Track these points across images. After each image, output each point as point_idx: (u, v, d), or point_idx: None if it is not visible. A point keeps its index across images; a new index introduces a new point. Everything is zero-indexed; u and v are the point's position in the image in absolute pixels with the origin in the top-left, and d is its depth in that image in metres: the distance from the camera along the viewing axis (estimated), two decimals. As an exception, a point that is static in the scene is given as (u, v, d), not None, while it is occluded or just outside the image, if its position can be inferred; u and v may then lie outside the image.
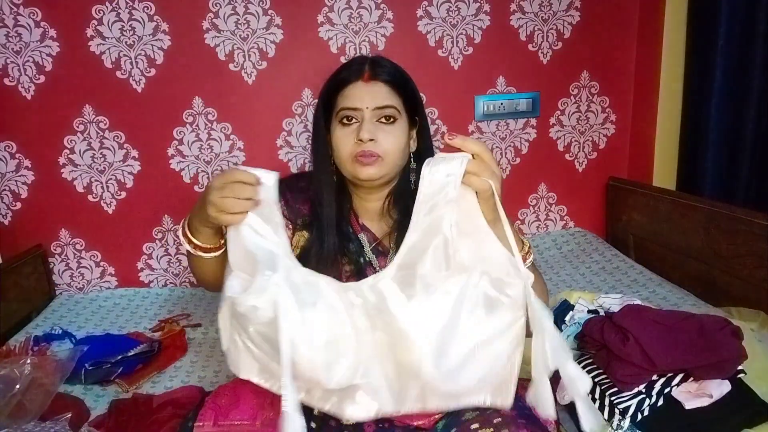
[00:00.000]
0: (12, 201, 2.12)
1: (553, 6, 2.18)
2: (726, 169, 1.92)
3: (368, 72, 1.02)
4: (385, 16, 2.12)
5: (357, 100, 1.01)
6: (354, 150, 1.00)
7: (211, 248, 0.93)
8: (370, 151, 0.99)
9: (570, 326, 1.40)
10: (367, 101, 1.00)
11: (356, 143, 1.00)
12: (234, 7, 2.05)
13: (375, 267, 1.06)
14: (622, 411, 1.10)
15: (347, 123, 1.01)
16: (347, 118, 1.01)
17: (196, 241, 0.92)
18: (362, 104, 1.00)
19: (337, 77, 1.05)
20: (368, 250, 1.07)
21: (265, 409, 0.96)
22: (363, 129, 0.98)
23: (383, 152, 1.00)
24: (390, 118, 1.01)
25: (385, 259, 1.07)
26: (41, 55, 2.02)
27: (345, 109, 1.01)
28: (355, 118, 1.01)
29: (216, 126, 2.14)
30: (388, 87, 1.02)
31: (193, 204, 0.94)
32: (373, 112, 1.00)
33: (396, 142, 1.01)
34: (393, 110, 1.01)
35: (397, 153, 1.02)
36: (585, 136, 2.34)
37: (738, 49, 1.83)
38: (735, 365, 1.11)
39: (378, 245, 1.08)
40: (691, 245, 1.86)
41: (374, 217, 1.10)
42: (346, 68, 1.05)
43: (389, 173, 1.03)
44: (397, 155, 1.02)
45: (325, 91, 1.06)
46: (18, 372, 1.26)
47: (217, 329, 1.87)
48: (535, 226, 2.41)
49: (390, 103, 1.01)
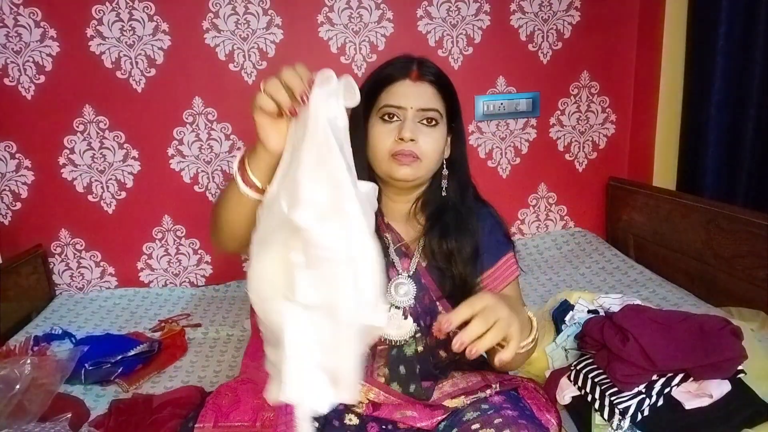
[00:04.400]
0: (12, 201, 2.12)
1: (553, 6, 2.18)
2: (726, 169, 1.92)
3: (416, 71, 1.00)
4: (385, 16, 2.12)
5: (402, 98, 0.99)
6: (393, 148, 0.98)
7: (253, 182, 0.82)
8: (409, 150, 0.97)
9: (570, 326, 1.40)
10: (413, 101, 0.99)
11: (396, 141, 0.98)
12: (234, 7, 2.05)
13: (398, 269, 1.05)
14: (622, 411, 1.10)
15: (388, 120, 1.00)
16: (389, 115, 1.00)
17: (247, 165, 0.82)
18: (407, 103, 0.99)
19: (383, 73, 1.03)
20: (392, 251, 1.06)
21: (265, 410, 0.96)
22: (405, 128, 0.97)
23: (421, 153, 0.98)
24: (432, 121, 1.00)
25: (409, 261, 1.06)
26: (41, 55, 2.02)
27: (389, 106, 0.99)
28: (397, 116, 0.99)
29: (216, 126, 2.14)
30: (434, 89, 1.01)
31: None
32: (417, 112, 0.99)
33: (435, 145, 1.00)
34: (436, 113, 1.00)
35: (435, 156, 1.01)
36: (585, 136, 2.34)
37: (738, 49, 1.83)
38: (735, 365, 1.11)
39: (402, 246, 1.07)
40: (691, 245, 1.86)
41: (400, 219, 1.09)
42: (392, 65, 1.03)
43: (424, 176, 1.02)
44: (435, 158, 1.01)
45: (369, 85, 1.03)
46: (18, 372, 1.25)
47: (217, 329, 1.88)
48: (535, 226, 2.41)
49: (434, 106, 1.00)
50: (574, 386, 1.22)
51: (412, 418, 1.00)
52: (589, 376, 1.20)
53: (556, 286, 1.96)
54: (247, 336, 1.62)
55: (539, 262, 2.21)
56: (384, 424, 1.00)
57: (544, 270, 2.13)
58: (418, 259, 1.06)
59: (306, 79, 0.72)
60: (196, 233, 2.24)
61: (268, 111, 0.75)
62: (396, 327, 1.02)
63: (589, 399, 1.18)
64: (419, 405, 1.01)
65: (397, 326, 1.02)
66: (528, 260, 2.21)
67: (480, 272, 1.04)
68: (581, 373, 1.22)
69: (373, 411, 1.01)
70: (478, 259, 1.04)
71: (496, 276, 1.06)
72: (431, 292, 1.05)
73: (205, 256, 2.27)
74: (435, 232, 1.03)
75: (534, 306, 1.69)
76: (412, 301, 1.03)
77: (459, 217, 1.04)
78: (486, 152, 2.30)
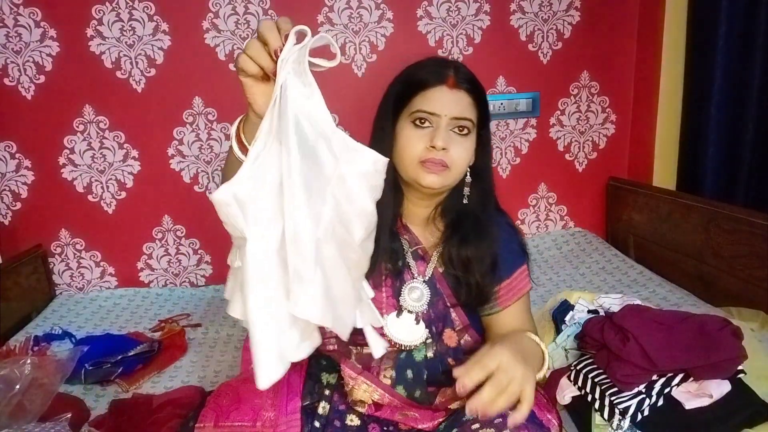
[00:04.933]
0: (12, 201, 2.12)
1: (553, 6, 2.18)
2: (726, 169, 1.92)
3: (453, 78, 0.98)
4: (385, 16, 2.12)
5: (438, 105, 0.97)
6: (423, 155, 0.96)
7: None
8: (439, 159, 0.96)
9: (570, 326, 1.40)
10: (448, 109, 0.96)
11: (427, 149, 0.96)
12: (234, 7, 2.05)
13: (413, 273, 1.04)
14: (622, 411, 1.10)
15: (420, 125, 0.97)
16: (421, 120, 0.97)
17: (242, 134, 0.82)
18: (442, 110, 0.96)
19: (417, 76, 1.00)
20: (409, 254, 1.05)
21: (265, 410, 0.96)
22: (438, 136, 0.95)
23: (451, 162, 0.97)
24: (464, 130, 0.98)
25: (426, 266, 1.05)
26: (41, 55, 2.02)
27: (422, 112, 0.97)
28: (429, 122, 0.97)
29: (216, 126, 2.14)
30: (469, 98, 0.99)
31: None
32: (451, 120, 0.97)
33: (465, 155, 0.99)
34: (469, 122, 0.98)
35: (464, 165, 1.00)
36: (585, 136, 2.34)
37: (738, 49, 1.83)
38: (735, 365, 1.11)
39: (418, 249, 1.06)
40: (691, 245, 1.86)
41: (419, 222, 1.08)
42: (426, 68, 1.01)
43: (451, 184, 1.01)
44: (463, 168, 1.00)
45: (401, 87, 1.01)
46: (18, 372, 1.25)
47: (217, 329, 1.88)
48: (535, 226, 2.41)
49: (468, 116, 0.98)
50: (574, 386, 1.22)
51: (414, 419, 1.00)
52: (589, 376, 1.20)
53: (556, 286, 1.96)
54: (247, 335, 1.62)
55: (539, 262, 2.21)
56: (385, 425, 1.00)
57: (544, 270, 2.13)
58: (435, 264, 1.05)
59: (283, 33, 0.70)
60: (196, 233, 2.24)
61: (251, 73, 0.73)
62: (407, 331, 1.01)
63: (589, 399, 1.18)
64: (421, 407, 1.01)
65: (408, 331, 1.01)
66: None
67: (496, 282, 1.03)
68: (581, 373, 1.22)
69: (374, 411, 1.01)
70: (496, 269, 1.03)
71: (511, 287, 1.05)
72: (446, 299, 1.04)
73: (205, 256, 2.27)
74: (454, 240, 1.02)
75: (534, 306, 1.69)
76: (425, 306, 1.02)
77: (479, 225, 1.02)
78: (486, 152, 2.30)
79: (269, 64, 0.70)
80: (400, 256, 1.05)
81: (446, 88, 0.97)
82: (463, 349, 1.05)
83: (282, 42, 0.69)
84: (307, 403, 1.00)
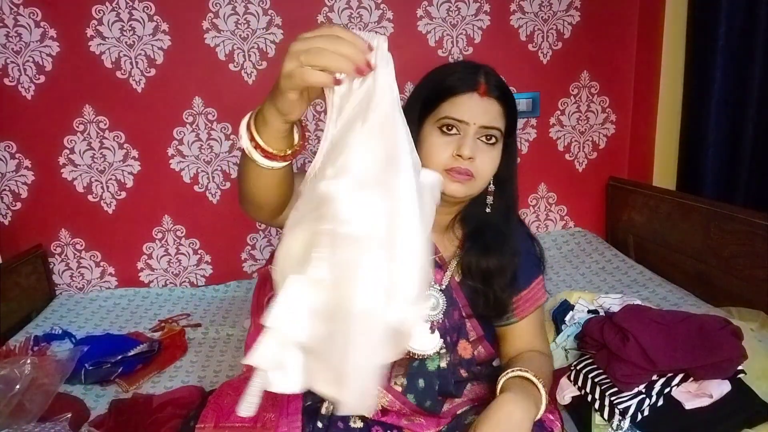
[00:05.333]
0: (12, 201, 2.12)
1: (553, 6, 2.18)
2: (726, 169, 1.92)
3: (485, 85, 0.94)
4: (385, 16, 2.12)
5: (467, 113, 0.93)
6: (449, 163, 0.93)
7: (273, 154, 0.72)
8: (465, 168, 0.93)
9: (570, 326, 1.40)
10: (478, 117, 0.93)
11: (454, 157, 0.93)
12: (234, 7, 2.05)
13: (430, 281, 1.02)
14: (622, 411, 1.10)
15: (447, 132, 0.94)
16: (449, 126, 0.94)
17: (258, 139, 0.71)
18: (471, 119, 0.93)
19: (447, 82, 0.96)
20: None
21: (266, 411, 0.96)
22: (465, 145, 0.92)
23: (476, 172, 0.94)
24: (491, 139, 0.95)
25: (443, 274, 1.03)
26: (41, 55, 2.02)
27: (450, 119, 0.94)
28: (457, 129, 0.94)
29: (216, 126, 2.14)
30: (499, 107, 0.95)
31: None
32: (479, 129, 0.93)
33: (492, 165, 0.96)
34: (497, 132, 0.95)
35: (489, 175, 0.97)
36: (585, 136, 2.34)
37: (738, 49, 1.83)
38: (735, 365, 1.11)
39: (435, 257, 1.04)
40: (691, 245, 1.86)
41: (438, 229, 1.05)
42: (456, 73, 0.97)
43: (475, 193, 0.98)
44: (488, 177, 0.97)
45: (429, 92, 0.98)
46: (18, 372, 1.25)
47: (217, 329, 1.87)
48: (535, 226, 2.41)
49: (497, 125, 0.95)
50: (574, 386, 1.22)
51: (420, 425, 0.99)
52: (589, 376, 1.20)
53: (556, 286, 1.95)
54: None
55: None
56: (389, 429, 0.99)
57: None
58: (452, 273, 1.03)
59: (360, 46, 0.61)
60: (196, 233, 2.24)
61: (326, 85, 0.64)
62: (421, 340, 1.00)
63: (589, 399, 1.18)
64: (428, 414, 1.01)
65: (422, 339, 1.00)
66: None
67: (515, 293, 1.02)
68: (581, 373, 1.22)
69: (381, 417, 1.00)
70: (515, 282, 1.01)
71: (528, 297, 1.04)
72: (461, 309, 1.03)
73: (205, 256, 2.27)
74: (475, 250, 1.00)
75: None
76: (440, 315, 1.01)
77: (501, 236, 1.00)
78: (486, 152, 2.30)
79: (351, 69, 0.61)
80: None
81: (477, 95, 0.94)
82: (476, 360, 1.04)
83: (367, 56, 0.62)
84: (309, 404, 1.00)
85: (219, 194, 2.20)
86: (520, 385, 0.90)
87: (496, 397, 0.91)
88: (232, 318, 1.91)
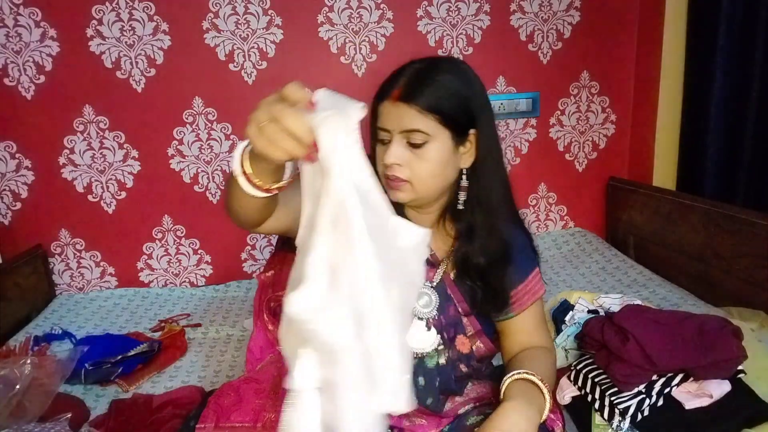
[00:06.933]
0: (12, 201, 2.12)
1: (553, 6, 2.18)
2: (726, 169, 1.92)
3: (396, 91, 0.92)
4: (385, 16, 2.12)
5: (386, 120, 0.93)
6: (384, 172, 0.94)
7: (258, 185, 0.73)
8: (395, 175, 0.92)
9: (570, 326, 1.40)
10: (394, 123, 0.92)
11: (386, 165, 0.93)
12: (234, 7, 2.05)
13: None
14: (622, 411, 1.10)
15: (382, 142, 0.95)
16: (381, 136, 0.95)
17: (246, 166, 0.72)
18: (390, 125, 0.92)
19: (379, 89, 0.96)
20: None
21: (266, 411, 0.96)
22: (388, 152, 0.92)
23: (409, 177, 0.92)
24: (417, 140, 0.91)
25: (435, 271, 1.03)
26: (41, 55, 2.02)
27: (378, 128, 0.95)
28: (385, 138, 0.94)
29: (216, 126, 2.14)
30: (415, 109, 0.91)
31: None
32: (402, 134, 0.92)
33: (426, 167, 0.92)
34: (420, 134, 0.91)
35: (429, 178, 0.94)
36: (585, 136, 2.34)
37: (738, 49, 1.83)
38: (735, 365, 1.11)
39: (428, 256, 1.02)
40: (691, 245, 1.86)
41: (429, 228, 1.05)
42: (387, 80, 0.96)
43: (423, 197, 0.97)
44: (429, 180, 0.94)
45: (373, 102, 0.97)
46: (18, 372, 1.26)
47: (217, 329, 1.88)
48: (535, 226, 2.41)
49: (416, 127, 0.91)
50: (574, 386, 1.22)
51: (421, 426, 0.99)
52: (589, 376, 1.20)
53: (556, 286, 1.95)
54: (247, 336, 1.62)
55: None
56: (390, 430, 0.99)
57: (544, 270, 2.10)
58: (444, 269, 1.03)
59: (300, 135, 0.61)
60: (196, 233, 2.24)
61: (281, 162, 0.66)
62: (419, 338, 1.00)
63: (589, 399, 1.18)
64: (430, 413, 1.01)
65: (419, 337, 1.00)
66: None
67: (511, 287, 1.01)
68: (581, 373, 1.22)
69: None
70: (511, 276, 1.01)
71: (526, 290, 1.04)
72: (457, 304, 1.03)
73: (205, 256, 2.27)
74: (467, 247, 0.99)
75: (534, 306, 1.69)
76: (434, 312, 1.01)
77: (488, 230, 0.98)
78: (486, 152, 2.30)
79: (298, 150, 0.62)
80: None
81: (390, 102, 0.92)
82: (476, 355, 1.03)
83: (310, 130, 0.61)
84: None
85: (219, 194, 2.20)
86: (524, 389, 0.89)
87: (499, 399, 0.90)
88: (232, 318, 1.91)
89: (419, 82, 0.92)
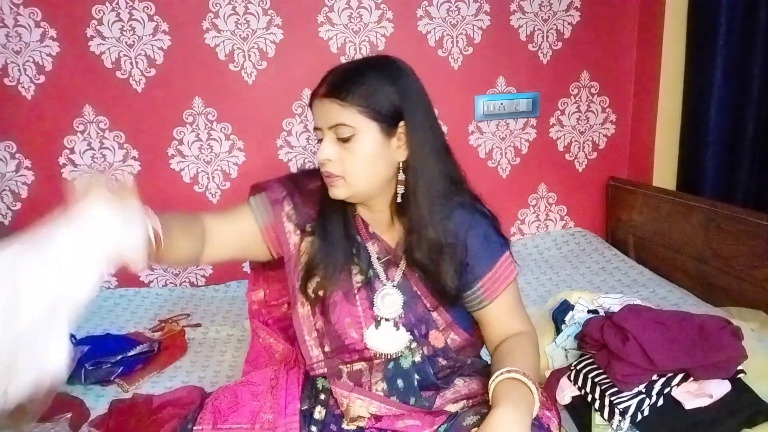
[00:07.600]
0: (12, 201, 2.12)
1: (553, 6, 2.18)
2: (726, 169, 1.92)
3: (321, 88, 0.95)
4: (385, 16, 2.12)
5: (317, 118, 0.95)
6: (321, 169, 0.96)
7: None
8: (328, 171, 0.94)
9: (570, 326, 1.40)
10: (322, 120, 0.94)
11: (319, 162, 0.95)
12: (234, 7, 2.05)
13: (382, 280, 1.01)
14: (622, 411, 1.10)
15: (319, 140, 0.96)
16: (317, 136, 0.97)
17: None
18: (319, 123, 0.94)
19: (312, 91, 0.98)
20: (375, 261, 1.02)
21: (264, 413, 0.96)
22: (320, 149, 0.94)
23: (343, 173, 0.93)
24: (344, 135, 0.92)
25: (395, 269, 1.02)
26: (41, 55, 2.02)
27: (314, 128, 0.97)
28: (319, 136, 0.96)
29: (216, 126, 2.14)
30: (337, 104, 0.92)
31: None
32: (330, 130, 0.93)
33: (357, 161, 0.93)
34: (346, 128, 0.91)
35: (362, 172, 0.94)
36: (585, 136, 2.34)
37: (738, 49, 1.83)
38: (735, 365, 1.11)
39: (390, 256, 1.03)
40: (691, 245, 1.86)
41: (384, 228, 1.04)
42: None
43: (360, 192, 0.96)
44: (363, 174, 0.94)
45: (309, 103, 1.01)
46: (18, 372, 1.25)
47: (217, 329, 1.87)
48: (535, 226, 2.41)
49: (341, 121, 0.91)
50: (574, 386, 1.22)
51: (415, 426, 0.99)
52: (589, 376, 1.20)
53: (556, 286, 1.95)
54: (247, 336, 1.62)
55: (539, 262, 2.21)
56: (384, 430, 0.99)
57: (544, 270, 2.13)
58: (404, 267, 1.02)
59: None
60: (196, 233, 2.23)
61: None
62: (389, 340, 0.99)
63: (589, 399, 1.18)
64: (421, 413, 1.00)
65: (390, 339, 0.99)
66: (528, 260, 2.21)
67: (479, 277, 1.00)
68: (581, 373, 1.22)
69: (375, 423, 0.99)
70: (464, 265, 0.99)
71: (496, 278, 1.01)
72: (424, 300, 1.02)
73: (205, 256, 2.26)
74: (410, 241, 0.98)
75: (534, 306, 1.69)
76: (400, 311, 1.00)
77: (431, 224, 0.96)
78: (486, 152, 2.30)
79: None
80: (368, 265, 1.02)
81: (319, 100, 0.95)
82: (452, 347, 1.03)
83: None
84: (305, 407, 1.00)
85: (219, 194, 2.20)
86: (510, 389, 0.88)
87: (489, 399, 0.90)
88: (232, 318, 1.91)
89: (342, 78, 0.94)
